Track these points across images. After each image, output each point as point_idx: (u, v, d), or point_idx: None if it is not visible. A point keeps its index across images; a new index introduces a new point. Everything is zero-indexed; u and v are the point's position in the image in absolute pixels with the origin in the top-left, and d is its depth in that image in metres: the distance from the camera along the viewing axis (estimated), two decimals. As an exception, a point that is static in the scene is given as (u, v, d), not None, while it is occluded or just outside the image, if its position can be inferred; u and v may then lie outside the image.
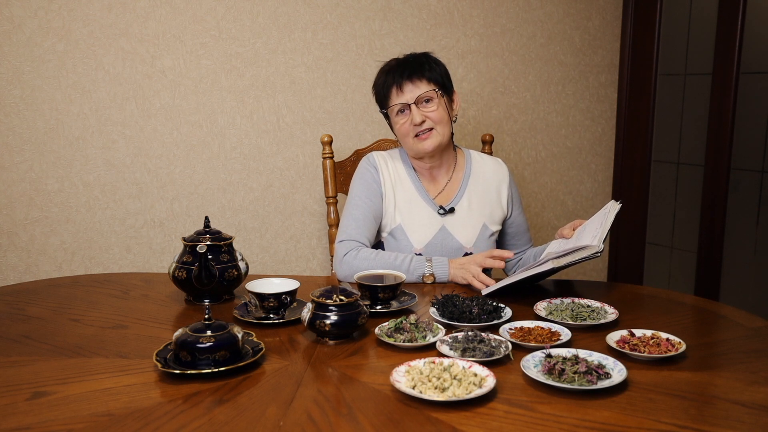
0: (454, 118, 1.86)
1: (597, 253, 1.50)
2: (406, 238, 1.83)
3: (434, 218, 1.85)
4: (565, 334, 1.28)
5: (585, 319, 1.37)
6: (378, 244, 1.91)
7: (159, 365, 1.14)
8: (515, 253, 1.96)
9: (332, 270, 2.15)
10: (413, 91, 1.78)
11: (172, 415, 1.01)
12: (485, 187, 1.91)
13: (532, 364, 1.14)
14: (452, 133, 1.87)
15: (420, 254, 1.82)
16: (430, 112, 1.78)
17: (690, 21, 2.75)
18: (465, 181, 1.90)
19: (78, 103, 2.25)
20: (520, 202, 1.99)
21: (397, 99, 1.80)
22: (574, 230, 1.69)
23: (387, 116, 1.88)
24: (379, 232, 1.89)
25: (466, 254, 1.83)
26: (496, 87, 2.78)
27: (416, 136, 1.80)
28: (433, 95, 1.78)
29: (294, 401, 1.05)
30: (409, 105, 1.78)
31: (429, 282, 1.71)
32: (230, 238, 1.55)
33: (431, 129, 1.79)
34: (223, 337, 1.16)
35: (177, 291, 1.61)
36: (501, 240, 1.97)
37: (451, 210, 1.85)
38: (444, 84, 1.82)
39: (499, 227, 1.91)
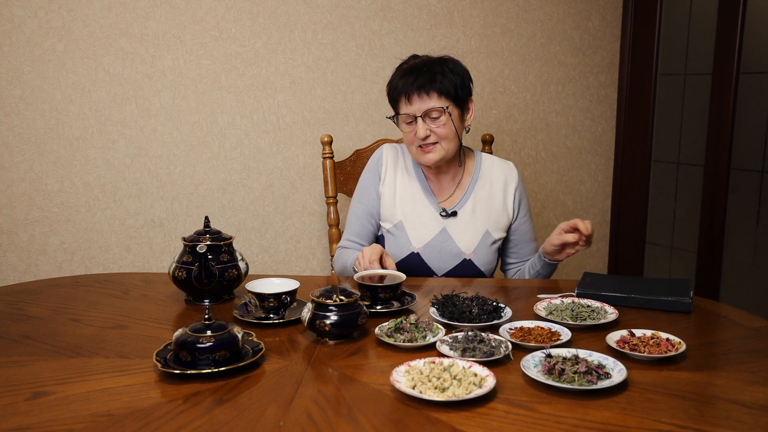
0: (466, 129, 1.83)
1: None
2: (405, 235, 1.83)
3: (436, 219, 1.84)
4: (565, 334, 1.28)
5: (585, 319, 1.37)
6: (379, 239, 1.92)
7: (159, 365, 1.14)
8: (515, 263, 1.93)
9: (332, 270, 2.16)
10: (421, 104, 1.74)
11: (172, 415, 1.01)
12: (492, 192, 1.87)
13: (532, 364, 1.14)
14: (460, 145, 1.85)
15: (417, 253, 1.81)
16: (436, 127, 1.75)
17: (690, 21, 2.75)
18: (471, 185, 1.88)
19: (78, 103, 2.25)
20: (529, 210, 1.94)
21: (405, 109, 1.77)
22: (570, 230, 1.66)
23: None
24: (381, 226, 1.90)
25: (465, 260, 1.82)
26: (496, 87, 2.78)
27: (420, 146, 1.78)
28: (440, 112, 1.75)
29: (294, 401, 1.05)
30: (415, 117, 1.76)
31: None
32: (230, 238, 1.55)
33: (435, 143, 1.77)
34: (223, 337, 1.16)
35: (177, 291, 1.61)
36: (503, 247, 1.93)
37: (454, 213, 1.84)
38: (457, 95, 1.76)
39: (503, 234, 1.88)
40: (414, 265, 1.81)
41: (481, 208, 1.86)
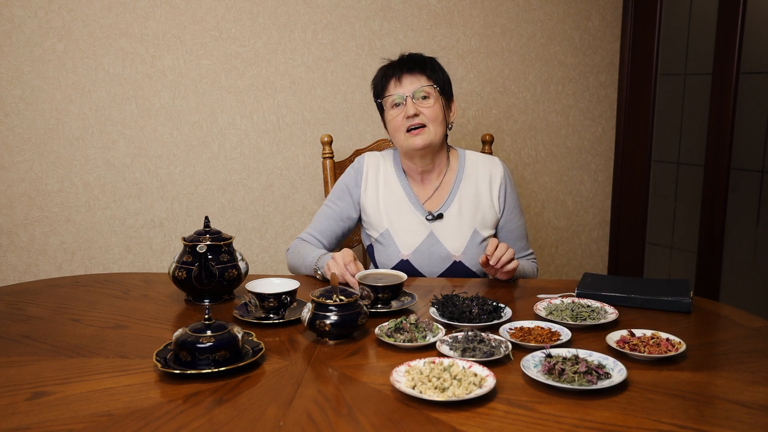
0: (449, 125, 1.84)
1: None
2: (393, 243, 1.81)
3: (422, 224, 1.81)
4: (565, 334, 1.28)
5: (585, 319, 1.37)
6: (369, 248, 1.91)
7: (159, 365, 1.14)
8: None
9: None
10: (412, 83, 1.76)
11: (172, 415, 1.01)
12: (477, 190, 1.85)
13: (532, 364, 1.14)
14: (446, 136, 1.84)
15: (406, 260, 1.80)
16: (425, 108, 1.76)
17: (690, 21, 2.75)
18: (456, 185, 1.85)
19: (78, 103, 2.25)
20: (518, 204, 1.89)
21: (394, 90, 1.78)
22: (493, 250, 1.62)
23: (382, 109, 1.85)
24: (368, 235, 1.89)
25: (455, 263, 1.80)
26: (496, 87, 2.78)
27: (408, 131, 1.76)
28: (431, 92, 1.77)
29: (294, 401, 1.05)
30: (405, 98, 1.76)
31: (319, 278, 1.70)
32: (230, 238, 1.55)
33: (423, 126, 1.76)
34: (223, 337, 1.16)
35: (177, 291, 1.61)
36: None
37: (440, 216, 1.81)
38: (444, 87, 1.80)
39: (492, 232, 1.85)
40: (405, 272, 1.79)
41: (468, 208, 1.83)
